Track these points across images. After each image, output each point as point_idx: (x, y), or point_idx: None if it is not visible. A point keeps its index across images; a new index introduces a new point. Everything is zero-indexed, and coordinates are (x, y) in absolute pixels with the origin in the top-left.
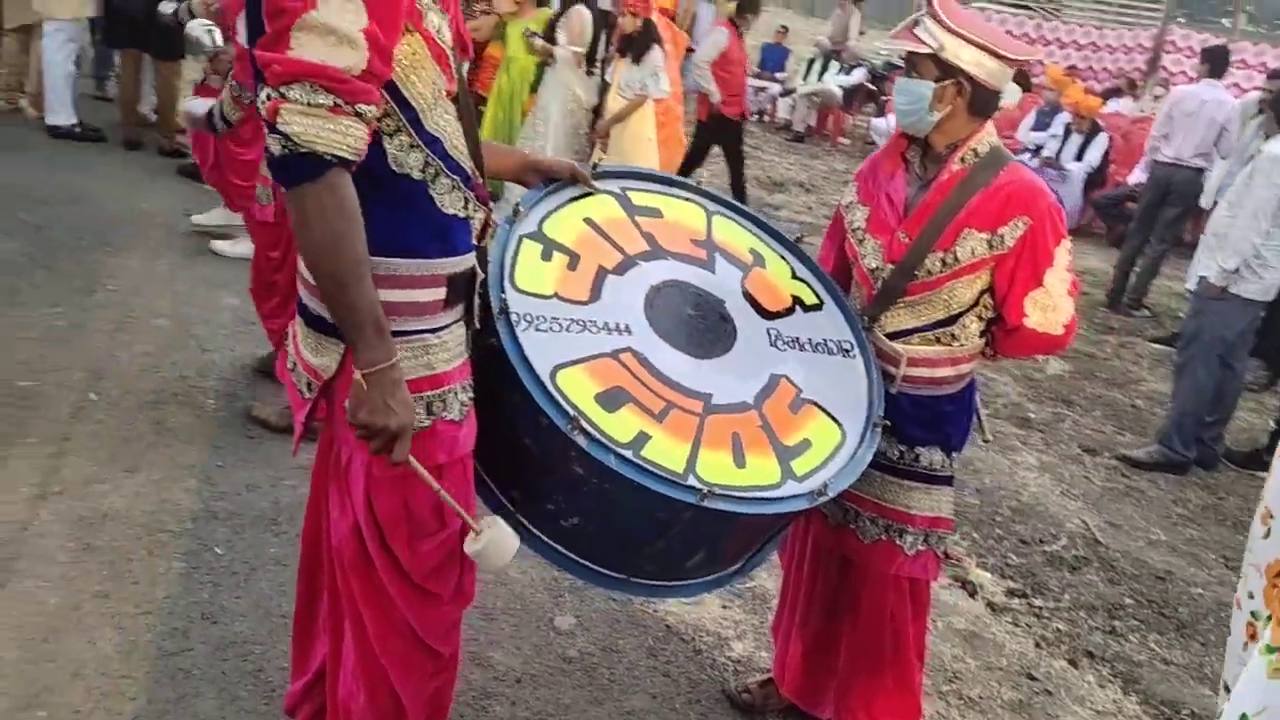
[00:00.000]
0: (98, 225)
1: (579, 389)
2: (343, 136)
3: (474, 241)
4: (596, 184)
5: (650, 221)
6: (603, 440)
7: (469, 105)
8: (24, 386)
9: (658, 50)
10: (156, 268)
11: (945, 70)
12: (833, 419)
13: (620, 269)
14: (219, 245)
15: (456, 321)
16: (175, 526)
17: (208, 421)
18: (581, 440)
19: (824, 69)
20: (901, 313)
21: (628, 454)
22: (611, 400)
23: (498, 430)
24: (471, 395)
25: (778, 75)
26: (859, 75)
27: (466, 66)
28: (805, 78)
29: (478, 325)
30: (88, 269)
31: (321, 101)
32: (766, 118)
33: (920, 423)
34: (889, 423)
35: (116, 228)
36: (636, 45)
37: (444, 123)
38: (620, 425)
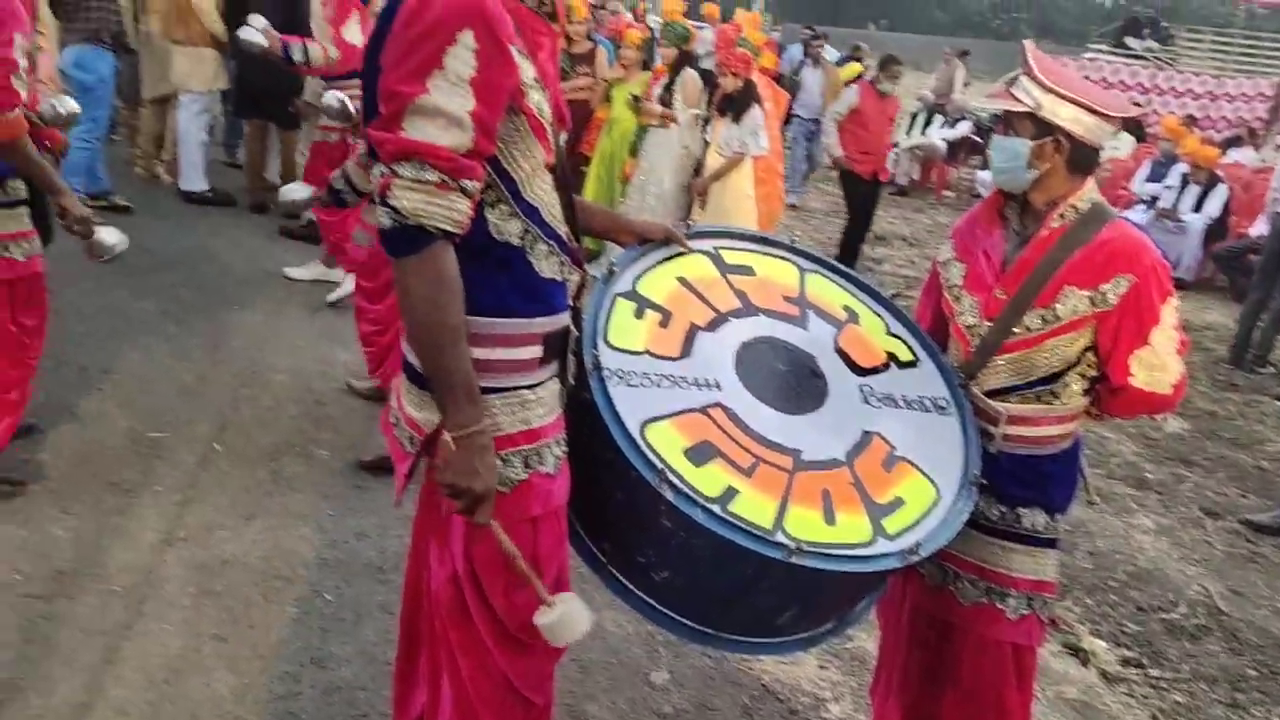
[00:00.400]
0: (225, 284)
1: (668, 443)
2: (447, 211)
3: (569, 301)
4: (690, 244)
5: (742, 279)
6: (690, 494)
7: (566, 174)
8: (155, 437)
9: (757, 109)
10: (277, 324)
11: (1043, 128)
12: (927, 477)
13: (712, 325)
14: (293, 272)
15: (552, 378)
16: (289, 573)
17: (321, 471)
18: (669, 494)
19: (928, 122)
20: (1000, 370)
21: (715, 508)
22: (700, 455)
23: (591, 483)
24: (565, 449)
25: None
26: (964, 128)
27: (565, 137)
28: (909, 131)
29: (572, 381)
30: (215, 326)
31: (429, 178)
32: (824, 138)
33: (1021, 482)
34: (985, 482)
35: (242, 287)
36: (737, 104)
37: (542, 192)
38: (708, 479)
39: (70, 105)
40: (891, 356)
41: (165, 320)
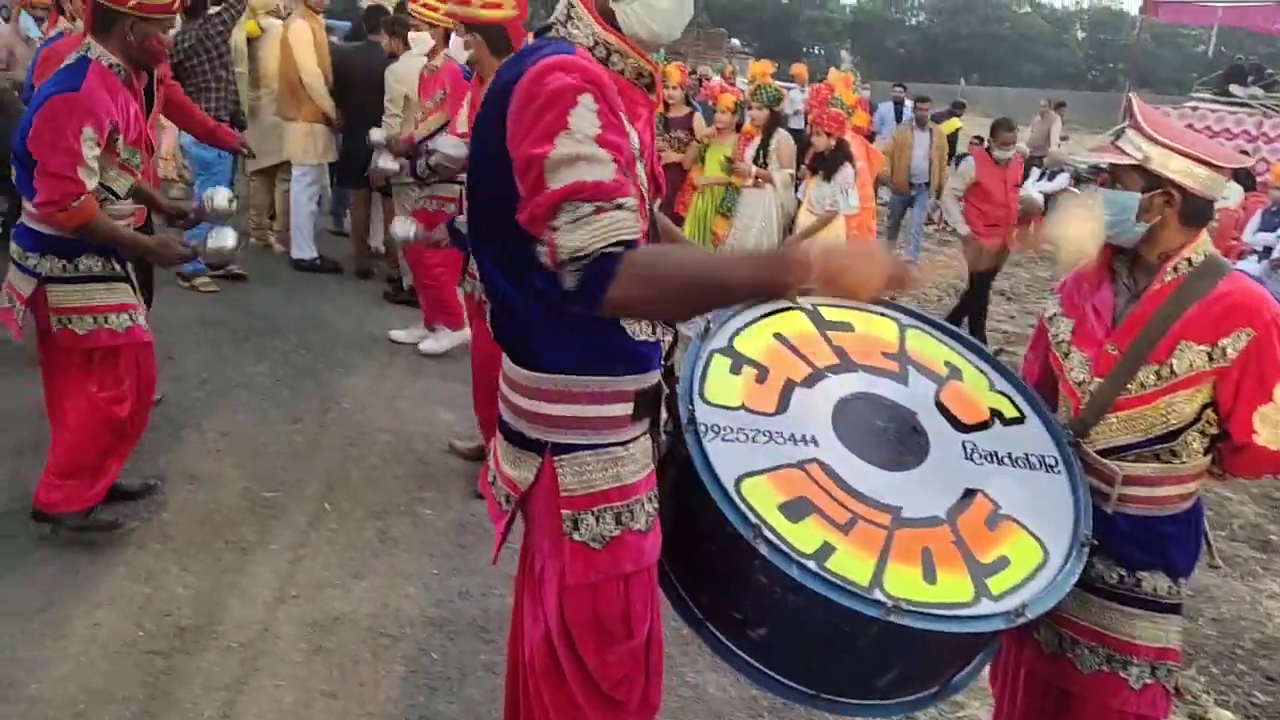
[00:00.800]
0: (333, 348)
1: (763, 498)
2: (615, 226)
3: (663, 360)
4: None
5: (841, 335)
6: (786, 550)
7: (658, 239)
8: (268, 497)
9: (849, 168)
10: (382, 386)
11: (1152, 180)
12: (1034, 537)
13: (809, 381)
14: (427, 346)
15: (643, 434)
16: (396, 631)
17: (425, 530)
18: (764, 549)
19: (1025, 175)
20: (1114, 428)
21: (811, 565)
22: (796, 510)
23: (687, 538)
24: (657, 505)
25: None
26: (1061, 181)
27: (659, 201)
28: None
29: (665, 437)
30: (324, 388)
31: (584, 211)
32: (947, 219)
33: (1140, 545)
34: (1097, 543)
35: (349, 350)
36: (829, 163)
37: None
38: (804, 535)
39: (222, 198)
40: (995, 413)
41: (278, 384)
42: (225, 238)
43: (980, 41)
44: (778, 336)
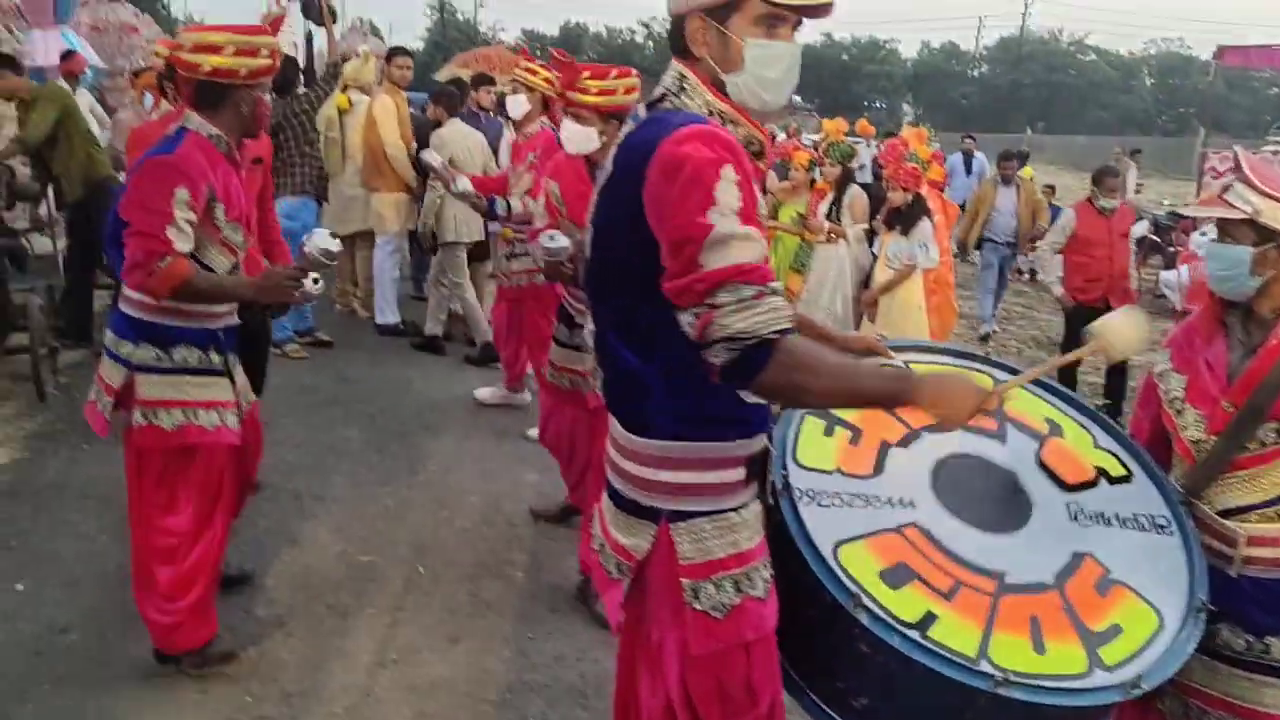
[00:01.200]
0: (419, 411)
1: (862, 565)
2: (775, 313)
3: (772, 421)
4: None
5: None
6: (887, 619)
7: None
8: (363, 561)
9: (927, 222)
10: (468, 448)
11: (1264, 234)
12: (1148, 603)
13: (904, 442)
14: (480, 393)
15: (754, 499)
16: (495, 696)
17: (517, 593)
18: (864, 618)
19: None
20: (1234, 488)
21: (914, 634)
22: (896, 577)
23: (787, 605)
24: (772, 572)
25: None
26: (1141, 228)
27: None
28: None
29: (770, 501)
30: (411, 451)
31: (747, 294)
32: (1041, 276)
33: (1268, 609)
34: (1215, 609)
35: (434, 413)
36: (906, 217)
37: None
38: (905, 603)
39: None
40: (1101, 471)
41: (368, 448)
42: (325, 239)
43: (1045, 90)
44: None
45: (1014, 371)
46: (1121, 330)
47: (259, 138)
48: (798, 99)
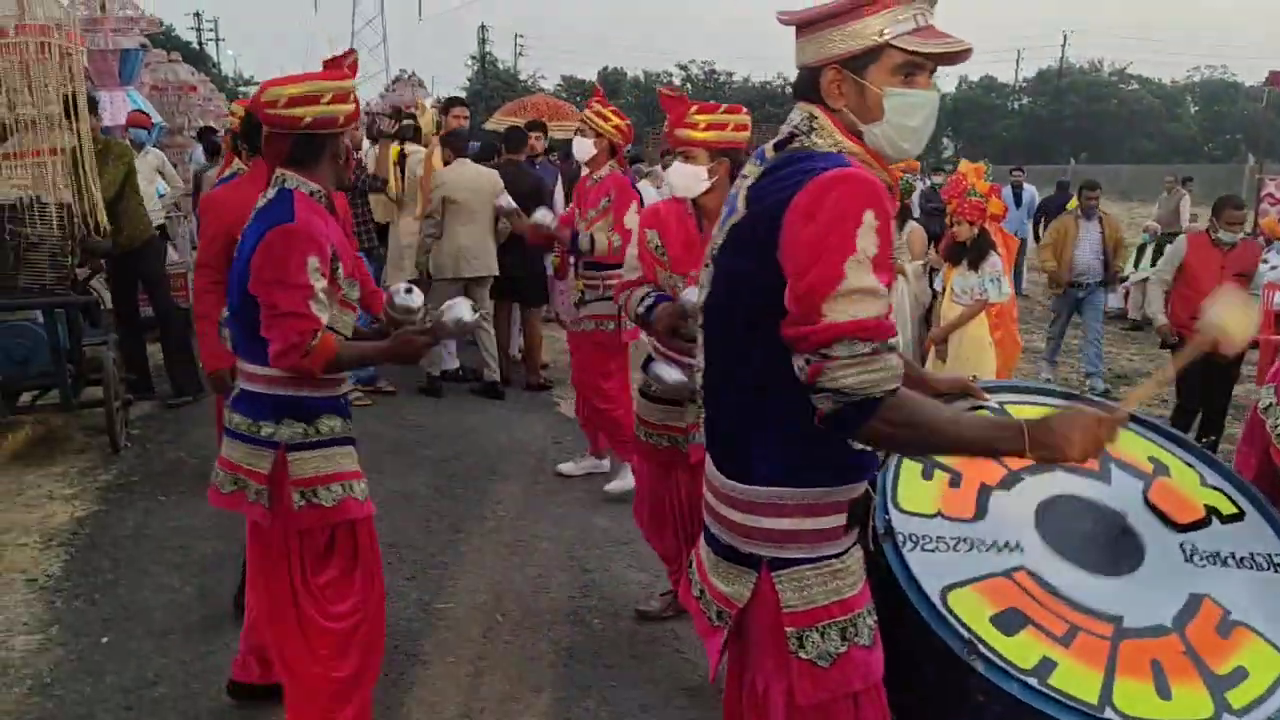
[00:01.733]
0: (484, 456)
1: (972, 611)
2: (887, 372)
3: (878, 465)
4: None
5: None
6: (1004, 666)
7: None
8: (441, 608)
9: (995, 256)
10: (535, 492)
11: None
12: (1271, 644)
13: (1005, 484)
14: (613, 487)
15: (855, 545)
16: None
17: (597, 640)
18: (980, 666)
19: (1158, 252)
20: None
21: (1032, 681)
22: (1009, 622)
23: (891, 654)
24: (876, 619)
25: None
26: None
27: None
28: (1136, 264)
29: (871, 547)
30: (480, 497)
31: (861, 351)
32: (1145, 308)
33: None
34: None
35: (499, 457)
36: (973, 252)
37: None
38: (1021, 650)
39: (414, 301)
40: (1211, 510)
41: (437, 494)
42: (463, 309)
43: (1087, 120)
44: None
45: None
46: (1232, 313)
47: (349, 187)
48: None
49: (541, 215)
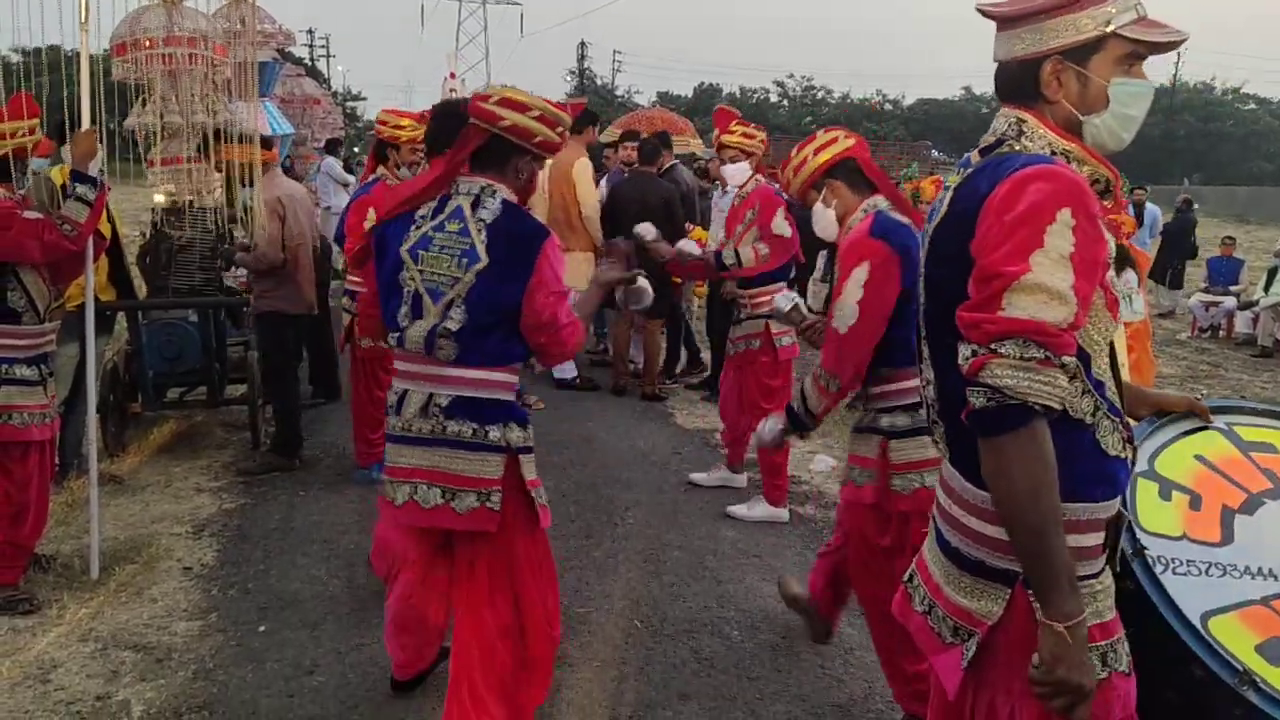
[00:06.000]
0: (607, 463)
1: (1236, 639)
2: (1051, 388)
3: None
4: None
5: (1266, 457)
6: (1278, 697)
7: (1114, 348)
8: (580, 612)
9: (1131, 273)
10: (661, 500)
11: None
12: None
13: (1246, 508)
14: (735, 510)
15: (1107, 566)
16: None
17: (737, 651)
18: (1254, 697)
19: None
20: None
21: None
22: (1275, 652)
23: (1139, 683)
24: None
25: (1230, 288)
26: None
27: None
28: (1266, 288)
29: (1118, 569)
30: (607, 503)
31: (1033, 355)
32: (1222, 333)
33: None
34: None
35: (622, 465)
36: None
37: (1105, 366)
38: None
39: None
40: None
41: (565, 500)
42: (646, 296)
43: (1202, 140)
44: (1199, 459)
45: None
46: None
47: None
48: (937, 153)
49: (685, 245)
